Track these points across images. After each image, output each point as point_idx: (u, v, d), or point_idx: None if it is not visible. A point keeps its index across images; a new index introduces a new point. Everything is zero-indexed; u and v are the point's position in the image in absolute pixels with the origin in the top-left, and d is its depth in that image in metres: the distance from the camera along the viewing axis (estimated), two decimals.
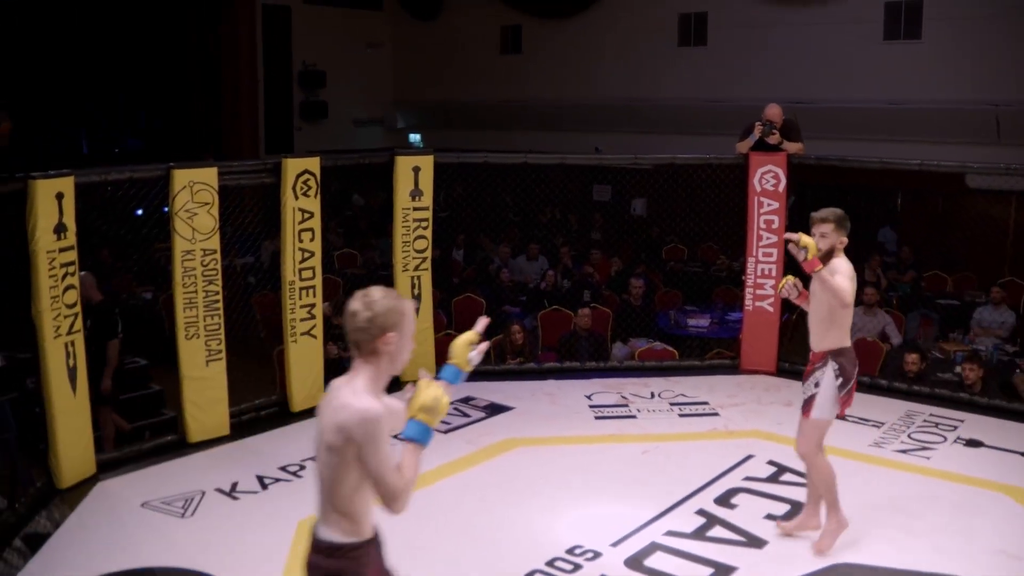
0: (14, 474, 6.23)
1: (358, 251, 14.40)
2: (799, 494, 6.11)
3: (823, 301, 5.37)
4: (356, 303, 3.17)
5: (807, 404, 5.48)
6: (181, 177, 6.82)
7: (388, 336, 3.15)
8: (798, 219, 9.24)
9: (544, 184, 10.41)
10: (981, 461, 6.79)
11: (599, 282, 12.14)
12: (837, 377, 5.38)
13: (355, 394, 3.15)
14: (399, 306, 3.18)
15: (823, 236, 5.41)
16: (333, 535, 3.17)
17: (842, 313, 5.35)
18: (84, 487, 6.31)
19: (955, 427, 7.42)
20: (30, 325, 6.02)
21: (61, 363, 6.15)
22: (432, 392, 3.16)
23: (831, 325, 5.41)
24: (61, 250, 6.10)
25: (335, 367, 8.40)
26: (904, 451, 6.95)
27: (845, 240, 5.44)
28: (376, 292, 3.20)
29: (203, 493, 6.20)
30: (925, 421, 7.57)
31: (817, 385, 5.41)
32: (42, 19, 16.99)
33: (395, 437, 3.16)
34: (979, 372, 8.20)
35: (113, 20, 18.16)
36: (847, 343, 5.45)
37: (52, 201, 6.00)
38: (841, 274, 5.30)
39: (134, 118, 20.02)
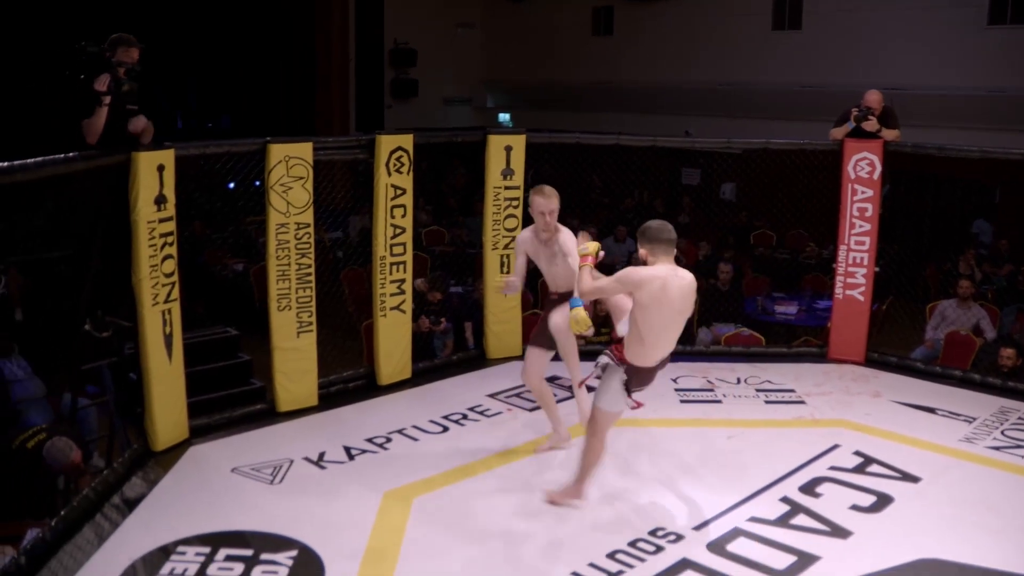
0: (112, 435, 6.43)
1: (446, 229, 14.51)
2: (886, 486, 6.05)
3: None
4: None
5: None
6: (277, 151, 6.94)
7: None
8: (891, 208, 9.13)
9: (633, 167, 10.39)
10: None
11: (686, 266, 12.05)
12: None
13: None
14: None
15: None
16: None
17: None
18: (177, 451, 6.49)
19: None
20: (130, 293, 6.20)
21: (158, 330, 6.32)
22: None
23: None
24: (161, 220, 6.26)
25: (426, 341, 8.54)
26: (997, 448, 6.78)
27: (643, 252, 5.21)
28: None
29: (291, 461, 6.33)
30: (1020, 418, 7.38)
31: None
32: None
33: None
34: None
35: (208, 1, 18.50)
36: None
37: (154, 173, 6.16)
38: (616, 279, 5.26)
39: (227, 95, 20.36)
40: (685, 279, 5.23)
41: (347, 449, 6.55)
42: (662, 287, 5.10)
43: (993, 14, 14.58)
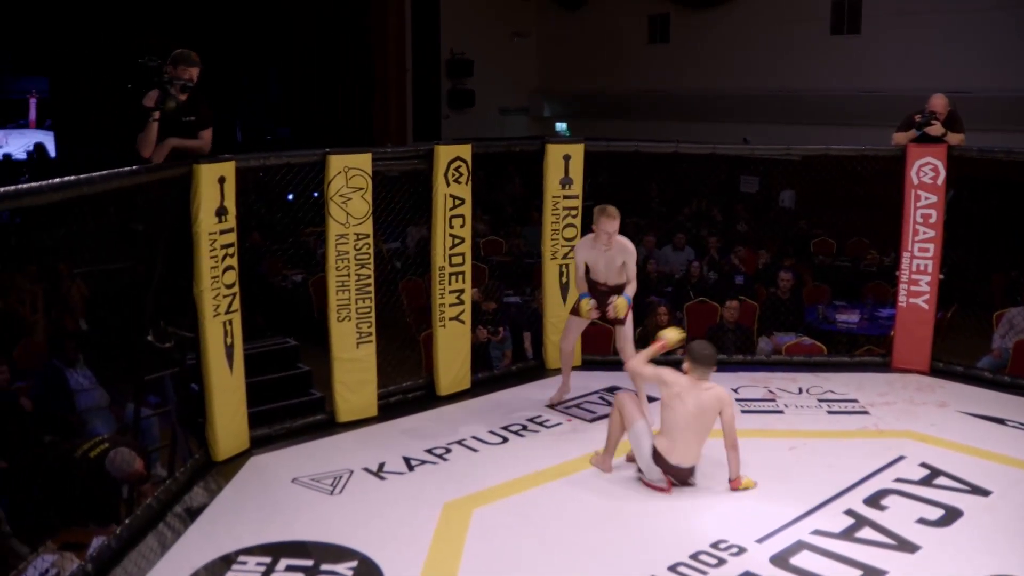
0: (174, 445, 6.49)
1: (504, 239, 14.51)
2: (954, 499, 5.92)
3: None
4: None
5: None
6: (336, 163, 6.97)
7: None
8: (956, 213, 8.97)
9: (691, 175, 10.32)
10: None
11: (746, 274, 11.97)
12: None
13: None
14: None
15: None
16: None
17: None
18: (238, 461, 6.53)
19: None
20: (192, 304, 6.27)
21: (219, 341, 6.38)
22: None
23: None
24: (222, 232, 6.31)
25: (481, 351, 8.52)
26: None
27: (686, 365, 6.10)
28: None
29: (351, 472, 6.34)
30: None
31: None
32: (198, 10, 17.60)
33: None
34: None
35: (267, 12, 18.72)
36: None
37: (215, 185, 6.22)
38: None
39: (286, 107, 20.59)
40: (708, 393, 5.95)
41: (407, 460, 6.55)
42: (678, 394, 5.94)
43: None
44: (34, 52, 19.17)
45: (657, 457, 5.96)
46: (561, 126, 21.60)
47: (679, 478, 6.00)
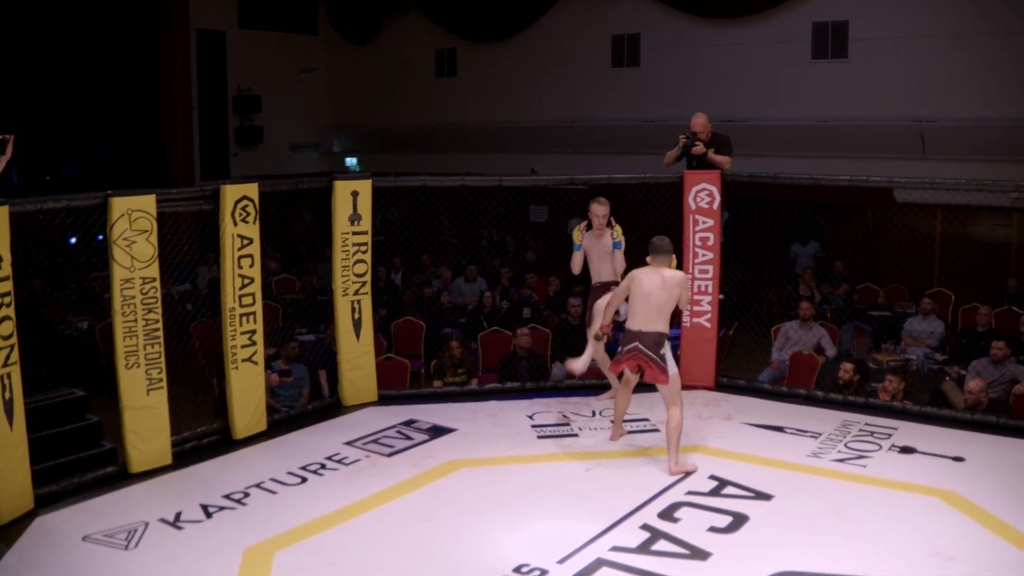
0: None
1: (296, 276, 14.33)
2: (741, 506, 6.24)
3: None
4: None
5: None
6: (119, 205, 6.77)
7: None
8: (731, 235, 9.45)
9: (481, 206, 10.47)
10: (915, 467, 6.95)
11: (537, 302, 12.22)
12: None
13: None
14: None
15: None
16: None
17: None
18: (22, 523, 6.19)
19: (889, 435, 7.59)
20: None
21: None
22: None
23: None
24: None
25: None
26: (841, 460, 7.09)
27: (648, 257, 7.11)
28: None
29: (146, 524, 6.13)
30: (861, 430, 7.72)
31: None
32: None
33: None
34: (899, 384, 8.39)
35: (46, 47, 17.94)
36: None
37: None
38: None
39: (67, 146, 19.73)
40: (663, 275, 6.91)
41: (204, 507, 6.38)
42: (642, 280, 6.93)
43: (816, 49, 15.34)
44: None
45: (627, 334, 6.96)
46: (351, 161, 21.53)
47: (644, 343, 6.86)
